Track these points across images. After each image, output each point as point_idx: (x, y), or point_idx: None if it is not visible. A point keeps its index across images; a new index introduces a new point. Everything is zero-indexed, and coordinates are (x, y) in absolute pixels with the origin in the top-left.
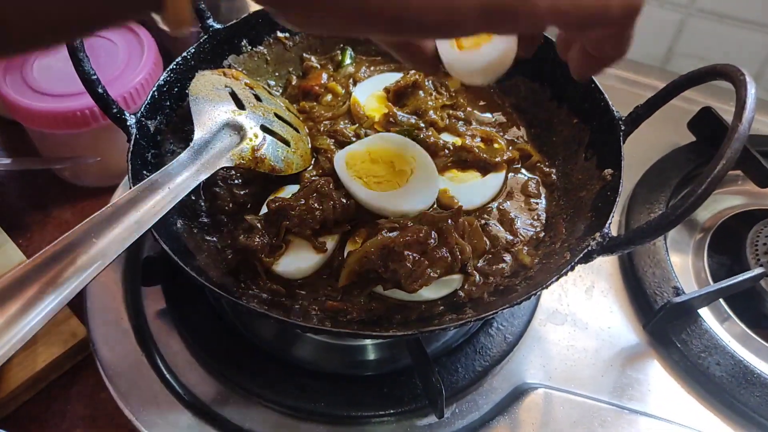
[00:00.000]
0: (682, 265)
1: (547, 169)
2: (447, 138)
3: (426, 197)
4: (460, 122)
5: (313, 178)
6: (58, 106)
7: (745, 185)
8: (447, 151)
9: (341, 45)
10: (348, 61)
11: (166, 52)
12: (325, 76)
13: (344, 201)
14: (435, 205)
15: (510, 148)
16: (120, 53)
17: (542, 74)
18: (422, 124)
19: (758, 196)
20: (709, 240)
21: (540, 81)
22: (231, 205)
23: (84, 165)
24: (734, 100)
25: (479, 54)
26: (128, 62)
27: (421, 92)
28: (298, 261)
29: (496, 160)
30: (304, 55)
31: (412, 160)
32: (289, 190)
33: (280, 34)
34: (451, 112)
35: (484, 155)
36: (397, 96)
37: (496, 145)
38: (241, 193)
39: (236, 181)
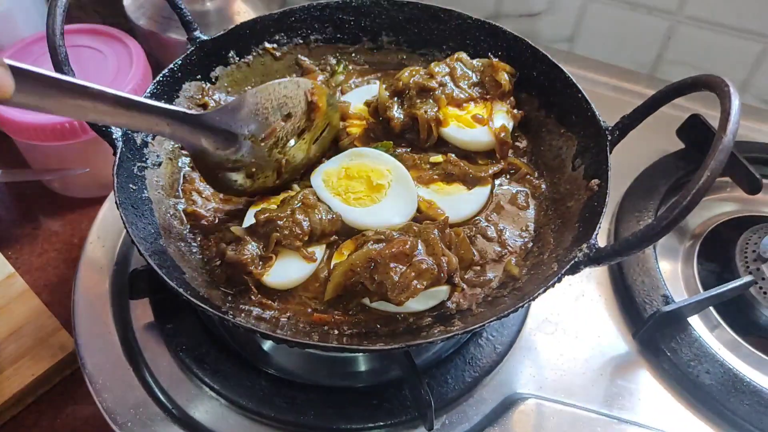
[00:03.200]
0: (672, 272)
1: (537, 181)
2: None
3: (406, 209)
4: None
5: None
6: (47, 118)
7: (735, 192)
8: (430, 165)
9: (337, 56)
10: (340, 69)
11: (156, 63)
12: (321, 78)
13: (330, 212)
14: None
15: (492, 161)
16: (109, 64)
17: (530, 84)
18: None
19: (747, 203)
20: (699, 247)
21: (527, 91)
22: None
23: (73, 176)
24: None
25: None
26: (117, 73)
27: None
28: (288, 271)
29: (481, 174)
30: (299, 57)
31: (388, 173)
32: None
33: (267, 45)
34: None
35: (470, 169)
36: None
37: (480, 161)
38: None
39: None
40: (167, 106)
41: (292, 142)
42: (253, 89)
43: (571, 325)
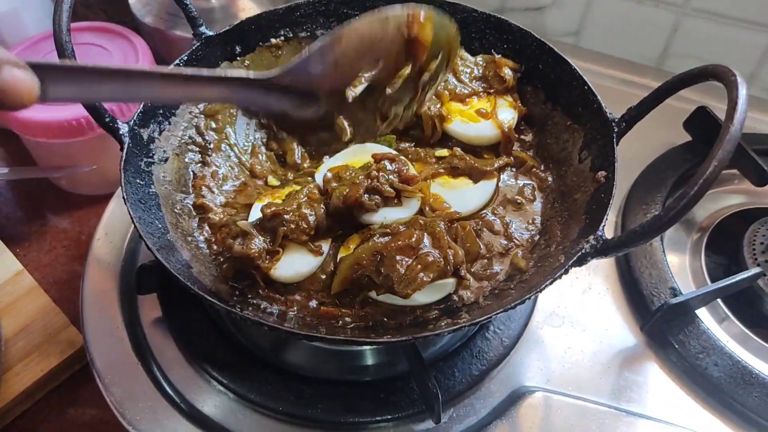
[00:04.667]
0: (680, 265)
1: (543, 174)
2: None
3: (409, 205)
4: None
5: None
6: (53, 115)
7: (742, 184)
8: (435, 159)
9: None
10: None
11: (161, 60)
12: None
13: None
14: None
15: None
16: (115, 61)
17: (536, 77)
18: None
19: (755, 195)
20: (707, 239)
21: (534, 84)
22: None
23: (80, 173)
24: None
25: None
26: None
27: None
28: (296, 265)
29: (487, 168)
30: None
31: None
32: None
33: (273, 40)
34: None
35: (476, 163)
36: None
37: (485, 155)
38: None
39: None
40: (227, 74)
41: (390, 90)
42: (326, 36)
43: (578, 318)
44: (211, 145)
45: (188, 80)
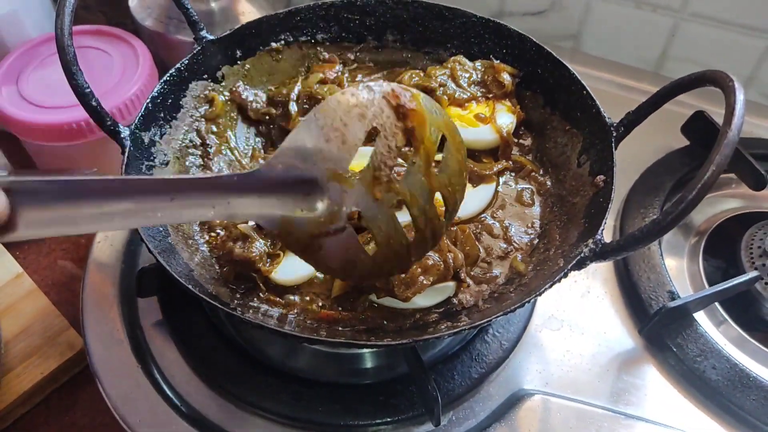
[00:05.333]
0: (678, 268)
1: (542, 178)
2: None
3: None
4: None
5: None
6: (54, 118)
7: (740, 188)
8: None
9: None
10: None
11: (162, 63)
12: (338, 67)
13: None
14: None
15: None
16: (115, 65)
17: (534, 82)
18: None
19: (753, 199)
20: (704, 243)
21: (532, 88)
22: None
23: None
24: None
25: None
26: (123, 74)
27: None
28: (296, 268)
29: (486, 172)
30: (318, 49)
31: None
32: None
33: (273, 45)
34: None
35: (474, 167)
36: None
37: (484, 159)
38: None
39: None
40: (212, 175)
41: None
42: (311, 112)
43: (577, 322)
44: (212, 149)
45: (177, 195)
